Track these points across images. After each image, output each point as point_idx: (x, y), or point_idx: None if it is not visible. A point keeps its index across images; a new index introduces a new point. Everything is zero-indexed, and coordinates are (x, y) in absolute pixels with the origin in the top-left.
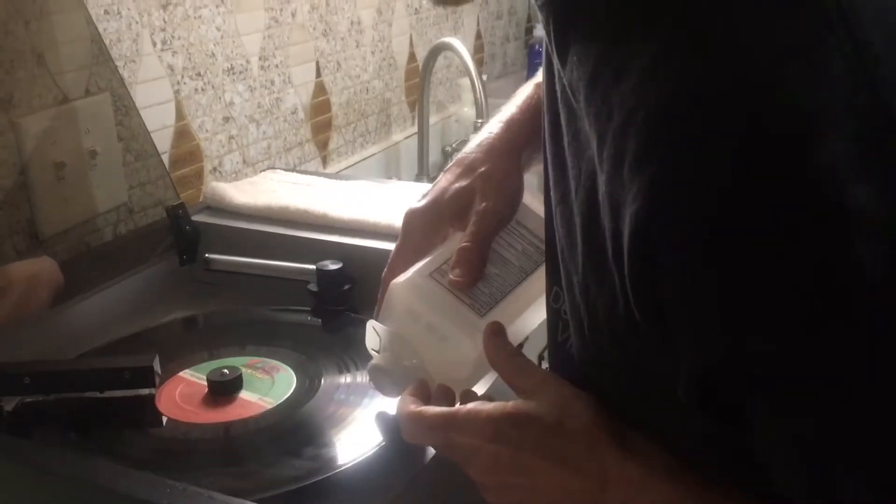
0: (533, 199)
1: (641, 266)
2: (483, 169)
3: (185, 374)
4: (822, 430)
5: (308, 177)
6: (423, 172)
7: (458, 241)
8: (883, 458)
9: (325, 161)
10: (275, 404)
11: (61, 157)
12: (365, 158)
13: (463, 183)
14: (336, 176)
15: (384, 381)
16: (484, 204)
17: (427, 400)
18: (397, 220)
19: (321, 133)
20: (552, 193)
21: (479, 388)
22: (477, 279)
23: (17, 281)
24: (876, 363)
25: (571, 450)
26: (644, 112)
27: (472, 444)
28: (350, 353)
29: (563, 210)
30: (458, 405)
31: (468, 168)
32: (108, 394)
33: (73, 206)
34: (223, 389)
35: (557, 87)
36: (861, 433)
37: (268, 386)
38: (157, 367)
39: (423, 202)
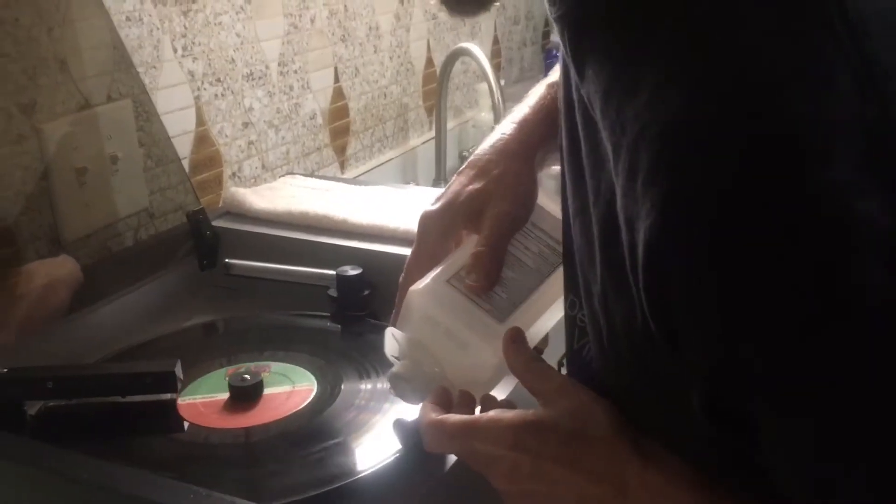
0: (547, 200)
1: (653, 277)
2: (496, 171)
3: (206, 379)
4: (822, 430)
5: (327, 182)
6: (441, 177)
7: (473, 244)
8: (883, 458)
9: (342, 166)
10: (295, 410)
11: (83, 163)
12: (382, 163)
13: (476, 186)
14: (354, 181)
15: (405, 388)
16: (498, 207)
17: (449, 407)
18: (416, 226)
19: (339, 138)
20: (570, 203)
21: (501, 391)
22: (493, 284)
23: (37, 280)
24: (875, 363)
25: (591, 457)
26: (656, 127)
27: (492, 452)
28: (370, 358)
29: (582, 221)
30: (478, 411)
31: (481, 170)
32: (130, 398)
33: (94, 211)
34: (244, 395)
35: (575, 97)
36: (861, 433)
37: (288, 391)
38: (178, 372)
39: (437, 206)
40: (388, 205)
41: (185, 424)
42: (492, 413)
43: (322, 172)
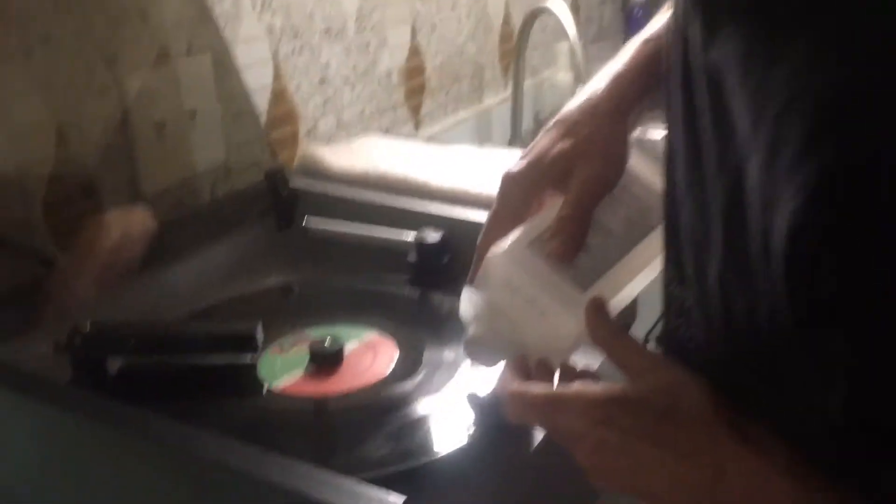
0: (639, 164)
1: (802, 265)
2: (586, 131)
3: (285, 342)
4: None
5: (406, 142)
6: (517, 139)
7: (557, 208)
8: None
9: (417, 125)
10: (377, 379)
11: (162, 116)
12: (457, 124)
13: (564, 145)
14: (433, 141)
15: (480, 352)
16: (586, 169)
17: (527, 376)
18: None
19: (414, 97)
20: (681, 175)
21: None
22: (577, 250)
23: (113, 231)
24: None
25: (684, 437)
26: (811, 96)
27: (578, 426)
28: (450, 327)
29: (696, 195)
30: (556, 381)
31: (570, 129)
32: (209, 359)
33: (172, 165)
34: (325, 360)
35: (694, 61)
36: None
37: (369, 359)
38: (259, 334)
39: (521, 165)
40: (470, 167)
41: (264, 388)
42: (577, 386)
43: (396, 132)
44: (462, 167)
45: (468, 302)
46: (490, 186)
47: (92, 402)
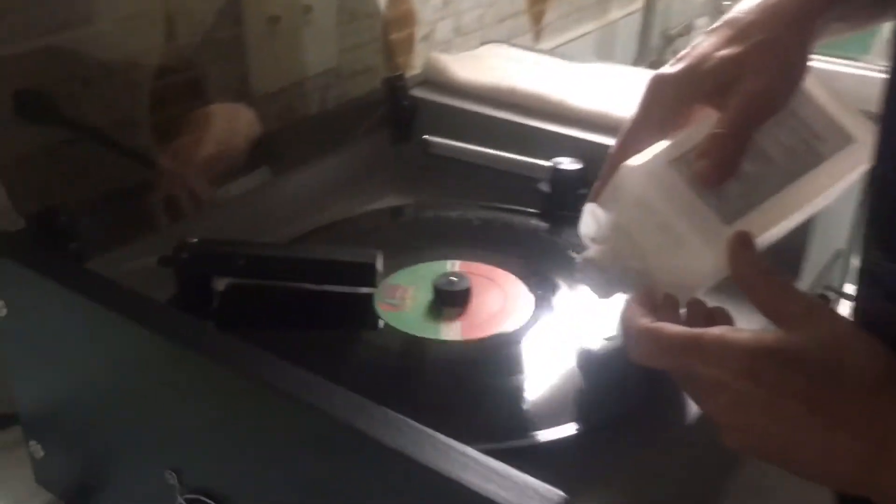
0: (816, 86)
1: None
2: (759, 37)
3: (403, 274)
4: None
5: (535, 54)
6: (644, 57)
7: (711, 123)
8: None
9: (537, 35)
10: (509, 327)
11: (276, 11)
12: (580, 36)
13: (731, 51)
14: (561, 55)
15: (596, 277)
16: (753, 82)
17: (653, 312)
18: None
19: (536, 4)
20: None
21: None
22: (728, 175)
23: (218, 123)
24: None
25: (845, 402)
26: None
27: (717, 377)
28: None
29: None
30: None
31: (741, 32)
32: (324, 288)
33: (283, 65)
34: (451, 300)
35: None
36: None
37: (499, 302)
38: (379, 265)
39: (677, 68)
40: (610, 86)
41: (381, 323)
42: (719, 331)
43: (516, 41)
44: (601, 86)
45: (591, 217)
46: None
47: (200, 333)
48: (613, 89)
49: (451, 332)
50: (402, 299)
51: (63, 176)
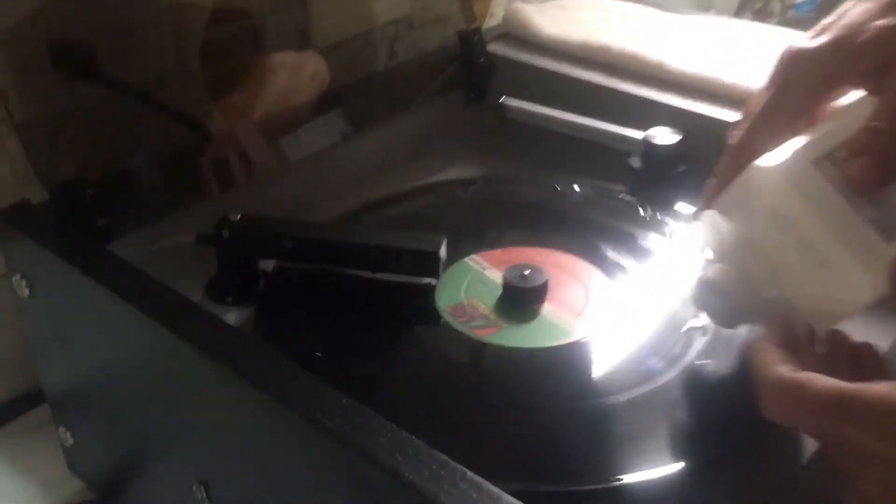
0: None
1: None
2: None
3: (472, 261)
4: None
5: (632, 5)
6: (747, 6)
7: (865, 113)
8: None
9: None
10: (587, 337)
11: None
12: None
13: (893, 20)
14: (656, 4)
15: (715, 302)
16: None
17: (793, 350)
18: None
19: None
20: None
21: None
22: (890, 179)
23: (281, 73)
24: None
25: None
26: None
27: (876, 446)
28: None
29: None
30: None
31: None
32: (379, 276)
33: (349, 13)
34: (523, 297)
35: None
36: None
37: (579, 301)
38: (443, 253)
39: (820, 41)
40: (720, 46)
41: (441, 319)
42: (885, 388)
43: None
44: (709, 45)
45: (710, 227)
46: (750, 76)
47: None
48: (716, 47)
49: (517, 336)
50: (477, 313)
51: (96, 140)
